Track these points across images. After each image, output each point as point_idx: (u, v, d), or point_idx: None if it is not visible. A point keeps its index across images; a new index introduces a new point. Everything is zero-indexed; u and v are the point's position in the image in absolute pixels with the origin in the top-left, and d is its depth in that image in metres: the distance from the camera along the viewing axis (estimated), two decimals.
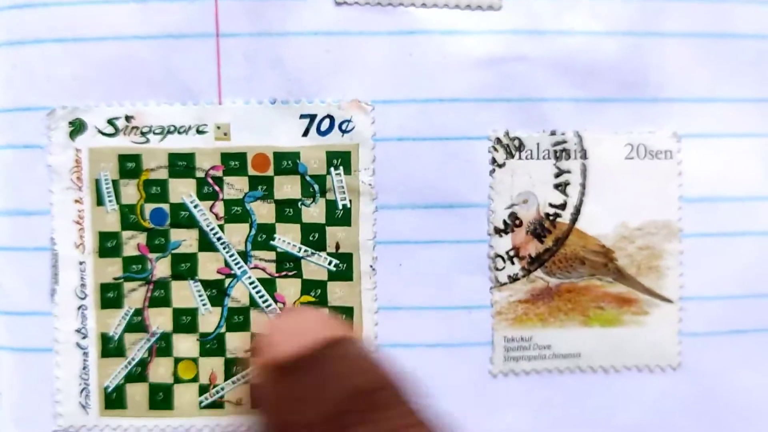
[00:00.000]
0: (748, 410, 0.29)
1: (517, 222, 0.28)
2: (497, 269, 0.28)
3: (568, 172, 0.28)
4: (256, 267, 0.28)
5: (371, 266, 0.28)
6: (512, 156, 0.28)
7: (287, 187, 0.28)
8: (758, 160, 0.29)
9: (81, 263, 0.28)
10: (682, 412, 0.29)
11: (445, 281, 0.28)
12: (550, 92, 0.28)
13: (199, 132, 0.28)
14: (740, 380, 0.29)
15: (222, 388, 0.28)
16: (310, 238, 0.28)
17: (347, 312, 0.28)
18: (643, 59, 0.28)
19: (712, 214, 0.29)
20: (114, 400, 0.28)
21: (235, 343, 0.28)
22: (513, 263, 0.28)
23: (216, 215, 0.28)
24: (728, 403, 0.29)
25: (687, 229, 0.29)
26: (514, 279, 0.28)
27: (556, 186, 0.28)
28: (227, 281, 0.28)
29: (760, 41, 0.29)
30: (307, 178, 0.28)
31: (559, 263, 0.28)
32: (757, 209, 0.29)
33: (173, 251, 0.28)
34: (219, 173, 0.28)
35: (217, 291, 0.28)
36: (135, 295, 0.28)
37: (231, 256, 0.28)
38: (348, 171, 0.28)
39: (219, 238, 0.28)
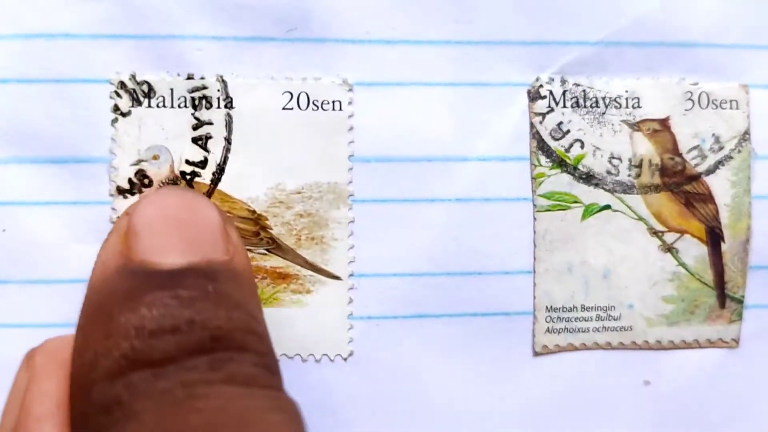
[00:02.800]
0: (429, 405, 0.25)
1: (146, 181, 0.24)
2: None
3: (210, 123, 0.24)
4: None
5: None
6: (140, 103, 0.24)
7: None
8: (447, 114, 0.25)
9: None
10: (352, 407, 0.24)
11: (60, 250, 0.24)
12: (188, 29, 0.24)
13: None
14: (421, 371, 0.25)
15: None
16: None
17: None
18: None
19: (390, 176, 0.25)
20: None
21: None
22: None
23: None
24: (407, 398, 0.25)
25: (358, 193, 0.25)
26: None
27: (195, 140, 0.24)
28: None
29: None
30: None
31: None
32: (447, 171, 0.25)
33: None
34: None
35: None
36: None
37: None
38: None
39: None
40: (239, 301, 0.17)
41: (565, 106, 0.25)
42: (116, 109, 0.24)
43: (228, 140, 0.24)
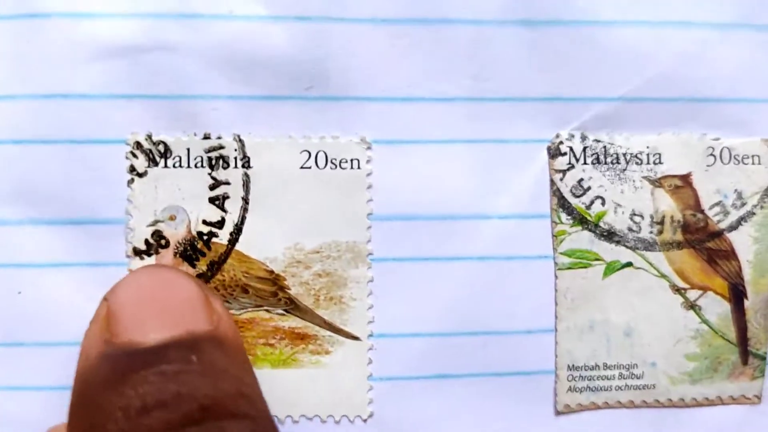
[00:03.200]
0: None
1: (163, 242, 0.23)
2: None
3: (227, 183, 0.24)
4: None
5: None
6: (156, 163, 0.23)
7: None
8: (467, 171, 0.24)
9: None
10: None
11: (75, 312, 0.23)
12: (203, 88, 0.24)
13: None
14: None
15: None
16: None
17: None
18: (323, 49, 0.24)
19: (410, 234, 0.24)
20: None
21: None
22: None
23: None
24: None
25: (377, 252, 0.24)
26: None
27: (212, 200, 0.24)
28: None
29: (474, 28, 0.24)
30: None
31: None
32: (466, 229, 0.24)
33: None
34: None
35: None
36: None
37: None
38: None
39: None
40: (226, 368, 0.17)
41: (585, 163, 0.25)
42: (132, 169, 0.23)
43: (245, 200, 0.24)
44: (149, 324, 0.17)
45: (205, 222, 0.24)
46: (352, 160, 0.24)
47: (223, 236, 0.24)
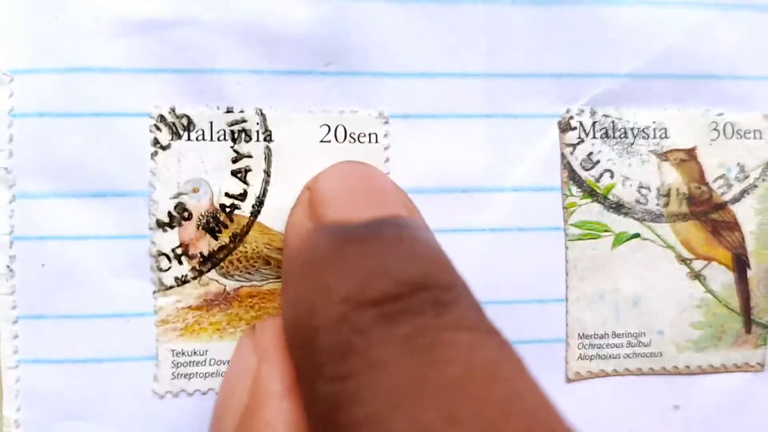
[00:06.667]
0: None
1: (186, 214, 0.24)
2: (161, 270, 0.24)
3: (249, 156, 0.24)
4: None
5: (8, 267, 0.24)
6: (179, 137, 0.24)
7: None
8: (481, 145, 0.25)
9: None
10: None
11: (98, 284, 0.24)
12: (227, 62, 0.24)
13: None
14: None
15: None
16: None
17: None
18: (342, 26, 0.24)
19: (425, 206, 0.25)
20: None
21: None
22: (181, 263, 0.24)
23: None
24: None
25: None
26: (182, 281, 0.24)
27: (234, 173, 0.24)
28: None
29: (488, 6, 0.25)
30: None
31: (237, 263, 0.24)
32: (481, 202, 0.25)
33: None
34: None
35: None
36: None
37: None
38: None
39: None
40: (433, 246, 0.17)
41: (594, 137, 0.25)
42: (156, 142, 0.24)
43: (267, 173, 0.24)
44: (358, 205, 0.17)
45: (227, 194, 0.24)
46: (370, 134, 0.25)
47: (245, 208, 0.24)
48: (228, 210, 0.24)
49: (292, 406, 0.16)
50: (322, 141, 0.25)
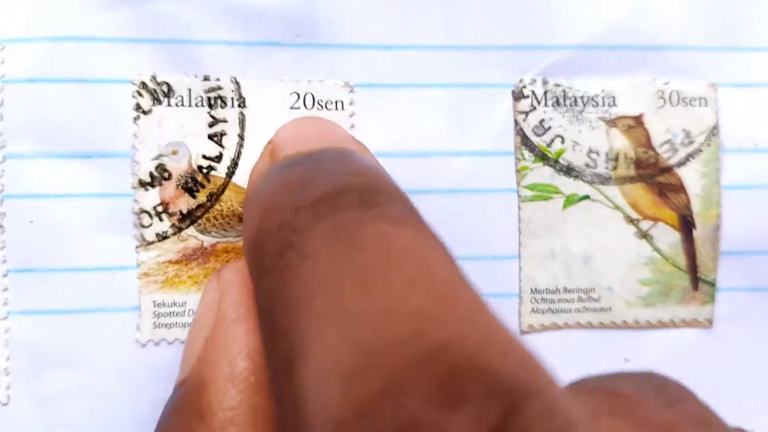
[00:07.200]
0: None
1: (166, 175, 0.26)
2: (143, 226, 0.26)
3: (225, 121, 0.26)
4: None
5: None
6: (160, 102, 0.26)
7: None
8: (440, 113, 0.27)
9: None
10: None
11: (84, 239, 0.26)
12: (204, 34, 0.26)
13: None
14: None
15: None
16: None
17: None
18: (311, 1, 0.26)
19: (387, 170, 0.27)
20: None
21: None
22: (161, 220, 0.26)
23: None
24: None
25: None
26: (163, 237, 0.26)
27: (211, 136, 0.26)
28: None
29: None
30: None
31: (214, 220, 0.26)
32: (439, 165, 0.27)
33: None
34: None
35: None
36: None
37: None
38: None
39: None
40: (375, 165, 0.19)
41: (546, 105, 0.27)
42: (138, 107, 0.26)
43: (241, 137, 0.26)
44: (306, 141, 0.19)
45: (204, 156, 0.26)
46: (336, 102, 0.27)
47: (221, 170, 0.26)
48: (205, 171, 0.26)
49: (248, 326, 0.18)
50: (291, 108, 0.26)
